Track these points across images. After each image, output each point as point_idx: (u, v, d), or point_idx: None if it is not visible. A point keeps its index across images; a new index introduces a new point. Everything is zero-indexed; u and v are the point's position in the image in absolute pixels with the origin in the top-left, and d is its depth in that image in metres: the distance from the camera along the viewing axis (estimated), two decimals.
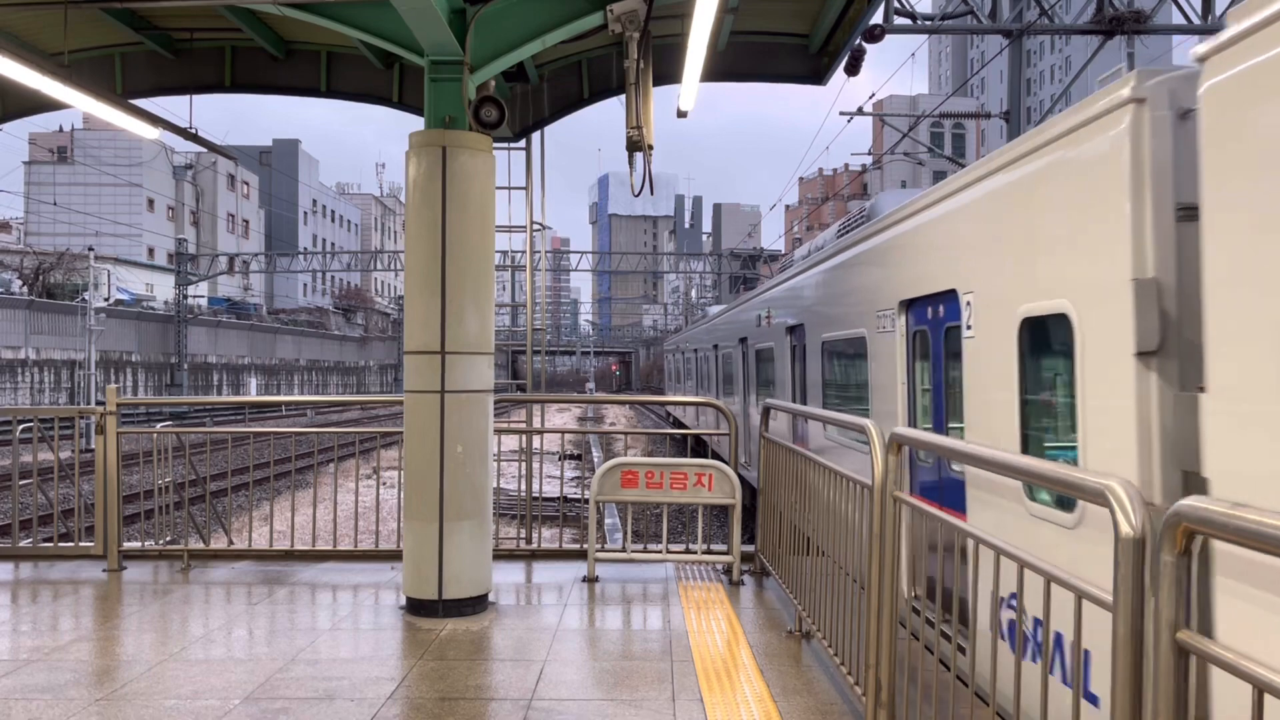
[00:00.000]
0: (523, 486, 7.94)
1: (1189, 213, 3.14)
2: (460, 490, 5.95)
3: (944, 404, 5.62)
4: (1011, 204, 4.39)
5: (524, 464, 7.99)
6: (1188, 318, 3.14)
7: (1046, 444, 4.20)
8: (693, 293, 74.69)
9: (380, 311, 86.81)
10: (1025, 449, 4.28)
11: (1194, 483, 2.96)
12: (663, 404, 28.72)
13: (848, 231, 9.71)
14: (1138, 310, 3.21)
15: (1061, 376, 4.00)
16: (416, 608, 5.95)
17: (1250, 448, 2.51)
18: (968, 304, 4.93)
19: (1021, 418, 4.32)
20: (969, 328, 4.92)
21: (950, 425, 5.47)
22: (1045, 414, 4.21)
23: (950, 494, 5.28)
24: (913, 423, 6.12)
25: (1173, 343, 3.19)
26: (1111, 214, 3.38)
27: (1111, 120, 3.42)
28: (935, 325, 5.69)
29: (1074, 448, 3.79)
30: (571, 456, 22.52)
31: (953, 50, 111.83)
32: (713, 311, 24.58)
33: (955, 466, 5.24)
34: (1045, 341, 4.16)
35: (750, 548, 7.12)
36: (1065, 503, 3.75)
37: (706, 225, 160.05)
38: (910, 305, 6.17)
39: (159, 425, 7.60)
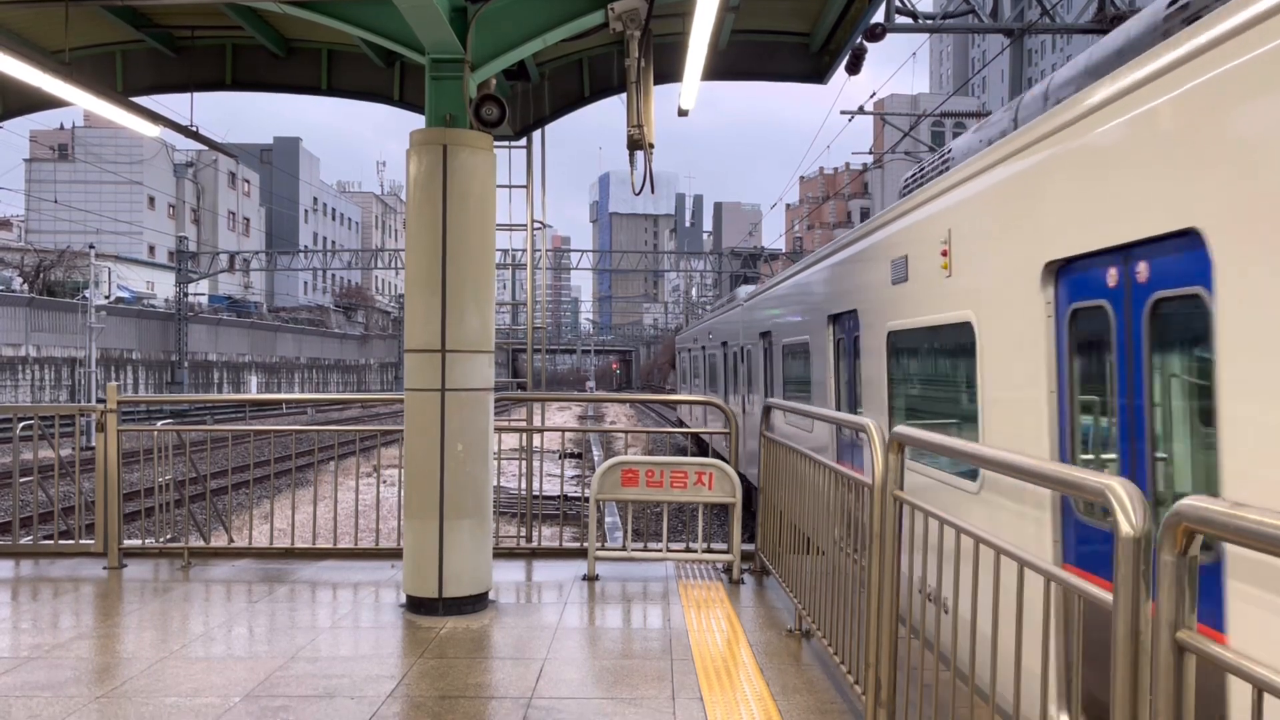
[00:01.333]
0: (523, 485, 7.94)
1: None
2: (460, 488, 5.95)
3: None
4: None
5: (524, 462, 7.99)
6: None
7: None
8: (693, 291, 74.71)
9: (381, 310, 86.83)
10: None
11: None
12: (663, 403, 28.08)
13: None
14: None
15: None
16: (416, 606, 5.96)
17: None
18: None
19: None
20: None
21: None
22: None
23: None
24: None
25: None
26: None
27: None
28: None
29: None
30: (572, 455, 22.52)
31: (954, 49, 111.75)
32: (744, 292, 17.85)
33: None
34: None
35: (750, 546, 7.12)
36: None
37: (707, 224, 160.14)
38: None
39: (159, 423, 7.61)
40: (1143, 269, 3.39)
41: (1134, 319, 3.46)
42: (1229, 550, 2.80)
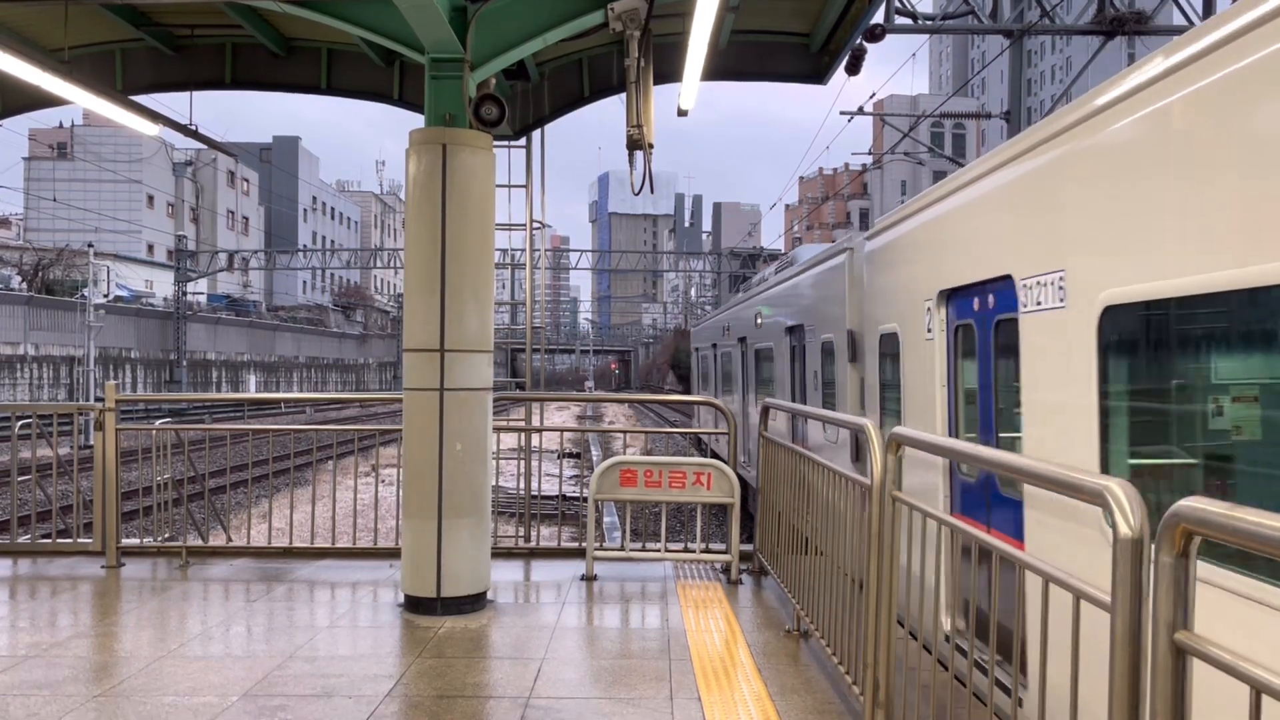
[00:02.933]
0: (521, 485, 7.94)
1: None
2: (459, 488, 5.95)
3: None
4: None
5: (523, 462, 7.99)
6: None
7: None
8: (692, 291, 74.65)
9: (380, 309, 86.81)
10: None
11: None
12: (661, 403, 27.81)
13: None
14: None
15: None
16: (415, 605, 5.96)
17: None
18: None
19: None
20: None
21: None
22: None
23: None
24: None
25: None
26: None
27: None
28: None
29: None
30: (570, 455, 22.51)
31: (953, 50, 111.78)
32: (810, 252, 11.35)
33: None
34: None
35: (749, 547, 7.12)
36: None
37: (706, 224, 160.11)
38: None
39: (158, 422, 7.60)
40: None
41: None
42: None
